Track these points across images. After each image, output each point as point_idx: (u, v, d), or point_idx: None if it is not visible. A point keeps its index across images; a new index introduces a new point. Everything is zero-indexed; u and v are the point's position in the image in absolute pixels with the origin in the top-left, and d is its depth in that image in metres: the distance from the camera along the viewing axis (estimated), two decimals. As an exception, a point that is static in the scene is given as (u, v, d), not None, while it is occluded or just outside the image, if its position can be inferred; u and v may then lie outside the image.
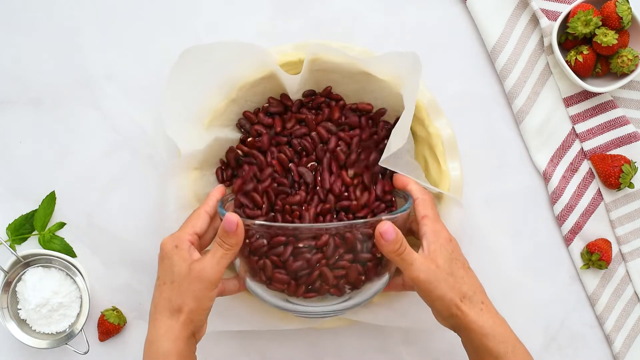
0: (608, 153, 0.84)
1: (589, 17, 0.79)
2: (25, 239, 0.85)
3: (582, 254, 0.85)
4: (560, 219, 0.85)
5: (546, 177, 0.85)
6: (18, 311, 0.82)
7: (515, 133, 0.86)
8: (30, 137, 0.85)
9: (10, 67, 0.85)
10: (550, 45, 0.83)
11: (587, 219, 0.85)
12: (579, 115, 0.85)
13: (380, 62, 0.74)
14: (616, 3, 0.79)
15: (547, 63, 0.85)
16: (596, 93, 0.84)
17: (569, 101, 0.85)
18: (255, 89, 0.77)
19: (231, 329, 0.78)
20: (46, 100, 0.85)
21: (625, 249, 0.85)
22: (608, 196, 0.85)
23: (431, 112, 0.77)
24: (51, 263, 0.82)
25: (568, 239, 0.85)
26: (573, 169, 0.85)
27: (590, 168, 0.85)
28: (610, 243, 0.84)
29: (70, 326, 0.82)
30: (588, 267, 0.85)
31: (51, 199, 0.84)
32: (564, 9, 0.83)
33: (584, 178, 0.85)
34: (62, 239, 0.84)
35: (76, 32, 0.86)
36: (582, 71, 0.81)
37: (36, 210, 0.84)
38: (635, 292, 0.85)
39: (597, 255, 0.83)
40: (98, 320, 0.84)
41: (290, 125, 0.77)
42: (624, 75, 0.81)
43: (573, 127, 0.85)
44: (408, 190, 0.71)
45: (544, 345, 0.86)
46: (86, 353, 0.82)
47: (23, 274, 0.81)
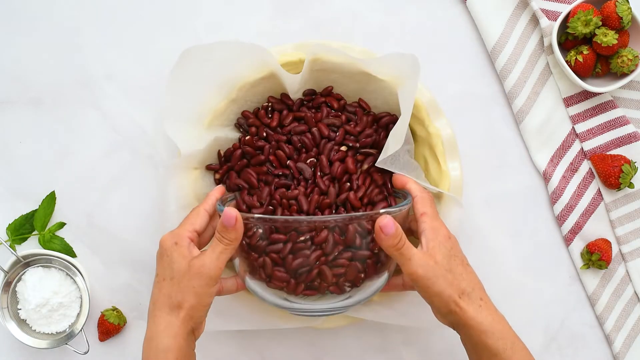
0: (608, 153, 0.84)
1: (589, 17, 0.79)
2: (25, 239, 0.85)
3: (582, 254, 0.85)
4: (560, 219, 0.85)
5: (546, 177, 0.85)
6: (18, 311, 0.82)
7: (515, 133, 0.86)
8: (30, 137, 0.85)
9: (10, 67, 0.85)
10: (550, 45, 0.83)
11: (587, 219, 0.85)
12: (579, 115, 0.85)
13: (380, 63, 0.74)
14: (616, 3, 0.79)
15: (547, 63, 0.85)
16: (596, 93, 0.84)
17: (569, 101, 0.85)
18: (255, 89, 0.77)
19: (231, 329, 0.78)
20: (46, 100, 0.85)
21: (625, 249, 0.85)
22: (608, 196, 0.85)
23: (431, 112, 0.77)
24: (51, 263, 0.82)
25: (568, 239, 0.85)
26: (573, 169, 0.85)
27: (590, 168, 0.85)
28: (610, 243, 0.84)
29: (70, 326, 0.82)
30: (588, 267, 0.85)
31: (51, 199, 0.84)
32: (564, 9, 0.83)
33: (584, 178, 0.85)
34: (62, 239, 0.84)
35: (76, 32, 0.86)
36: (582, 71, 0.81)
37: (36, 210, 0.84)
38: (635, 292, 0.85)
39: (597, 255, 0.82)
40: (98, 320, 0.84)
41: (288, 121, 0.77)
42: (624, 75, 0.81)
43: (573, 127, 0.85)
44: (407, 188, 0.71)
45: (544, 345, 0.86)
46: (86, 353, 0.82)
47: (23, 274, 0.81)
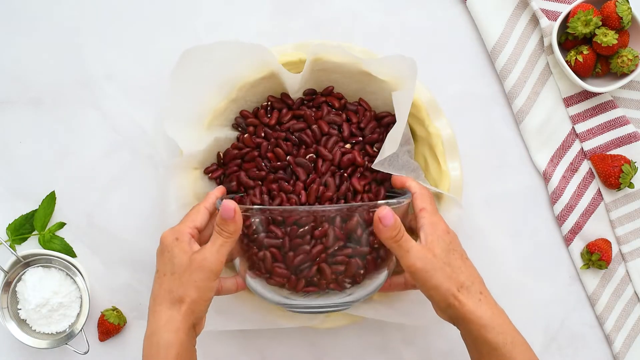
0: (608, 153, 0.84)
1: (589, 17, 0.79)
2: (25, 239, 0.85)
3: (582, 254, 0.85)
4: (560, 219, 0.85)
5: (546, 177, 0.85)
6: (18, 311, 0.82)
7: (515, 133, 0.86)
8: (30, 137, 0.85)
9: (10, 67, 0.85)
10: (550, 45, 0.83)
11: (587, 219, 0.85)
12: (579, 115, 0.85)
13: (381, 63, 0.74)
14: (616, 3, 0.79)
15: (547, 63, 0.85)
16: (596, 93, 0.84)
17: (569, 101, 0.85)
18: (255, 89, 0.77)
19: (232, 328, 0.78)
20: (46, 100, 0.85)
21: (625, 249, 0.85)
22: (608, 196, 0.85)
23: (431, 112, 0.77)
24: (51, 263, 0.82)
25: (568, 239, 0.85)
26: (573, 169, 0.85)
27: (590, 168, 0.85)
28: (610, 243, 0.84)
29: (70, 326, 0.82)
30: (588, 267, 0.85)
31: (51, 199, 0.84)
32: (564, 9, 0.83)
33: (584, 178, 0.85)
34: (62, 239, 0.84)
35: (76, 32, 0.86)
36: (582, 71, 0.81)
37: (36, 210, 0.84)
38: (635, 292, 0.85)
39: (597, 255, 0.82)
40: (98, 320, 0.84)
41: (287, 119, 0.77)
42: (624, 75, 0.81)
43: (573, 127, 0.85)
44: (407, 186, 0.71)
45: (544, 345, 0.86)
46: (86, 353, 0.82)
47: (23, 274, 0.81)
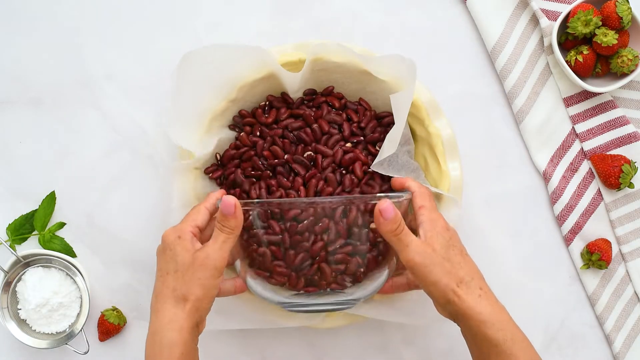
0: (608, 153, 0.84)
1: (589, 17, 0.79)
2: (25, 239, 0.85)
3: (582, 254, 0.85)
4: (560, 219, 0.85)
5: (546, 177, 0.85)
6: (18, 311, 0.82)
7: (515, 133, 0.86)
8: (30, 137, 0.85)
9: (10, 67, 0.85)
10: (550, 45, 0.83)
11: (587, 219, 0.85)
12: (579, 115, 0.85)
13: (381, 63, 0.74)
14: (616, 3, 0.79)
15: (547, 63, 0.85)
16: (596, 93, 0.84)
17: (569, 101, 0.85)
18: (255, 90, 0.77)
19: (233, 328, 0.78)
20: (46, 100, 0.85)
21: (625, 249, 0.85)
22: (608, 196, 0.85)
23: (431, 112, 0.77)
24: (51, 263, 0.82)
25: (568, 239, 0.85)
26: (573, 169, 0.85)
27: (590, 168, 0.85)
28: (610, 243, 0.84)
29: (70, 326, 0.82)
30: (588, 267, 0.84)
31: (51, 199, 0.84)
32: (564, 9, 0.83)
33: (584, 178, 0.85)
34: (62, 239, 0.84)
35: (76, 32, 0.86)
36: (582, 71, 0.81)
37: (36, 210, 0.84)
38: (635, 292, 0.85)
39: (597, 255, 0.82)
40: (98, 320, 0.84)
41: (284, 117, 0.77)
42: (624, 75, 0.81)
43: (573, 127, 0.85)
44: (406, 187, 0.71)
45: (544, 345, 0.86)
46: (86, 353, 0.82)
47: (23, 274, 0.81)
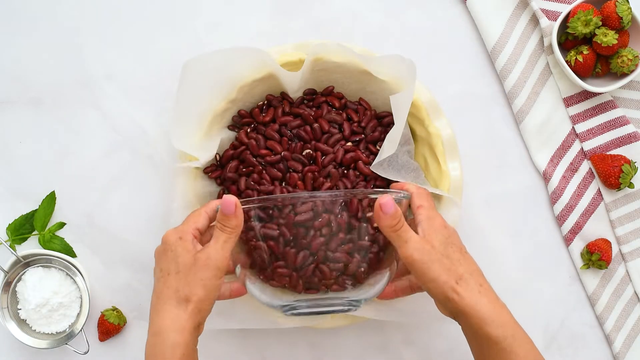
0: (608, 153, 0.84)
1: (589, 17, 0.79)
2: (25, 239, 0.85)
3: (582, 254, 0.85)
4: (560, 219, 0.85)
5: (546, 177, 0.85)
6: (18, 311, 0.82)
7: (515, 133, 0.86)
8: (30, 137, 0.85)
9: (10, 67, 0.85)
10: (550, 45, 0.83)
11: (587, 219, 0.85)
12: (579, 115, 0.85)
13: (381, 63, 0.74)
14: (616, 3, 0.79)
15: (547, 63, 0.85)
16: (596, 93, 0.84)
17: (569, 101, 0.85)
18: (255, 90, 0.77)
19: (232, 328, 0.78)
20: (46, 100, 0.85)
21: (625, 249, 0.85)
22: (608, 196, 0.85)
23: (431, 112, 0.77)
24: (51, 263, 0.82)
25: (568, 239, 0.85)
26: (573, 169, 0.85)
27: (590, 168, 0.85)
28: (610, 243, 0.84)
29: (70, 326, 0.82)
30: (588, 267, 0.85)
31: (51, 199, 0.84)
32: (564, 9, 0.83)
33: (584, 178, 0.85)
34: (62, 239, 0.84)
35: (76, 32, 0.86)
36: (582, 71, 0.81)
37: (36, 210, 0.84)
38: (635, 292, 0.85)
39: (597, 255, 0.82)
40: (98, 320, 0.84)
41: (281, 115, 0.76)
42: (624, 75, 0.81)
43: (573, 127, 0.85)
44: (405, 189, 0.71)
45: (544, 345, 0.86)
46: (86, 353, 0.82)
47: (23, 274, 0.81)
